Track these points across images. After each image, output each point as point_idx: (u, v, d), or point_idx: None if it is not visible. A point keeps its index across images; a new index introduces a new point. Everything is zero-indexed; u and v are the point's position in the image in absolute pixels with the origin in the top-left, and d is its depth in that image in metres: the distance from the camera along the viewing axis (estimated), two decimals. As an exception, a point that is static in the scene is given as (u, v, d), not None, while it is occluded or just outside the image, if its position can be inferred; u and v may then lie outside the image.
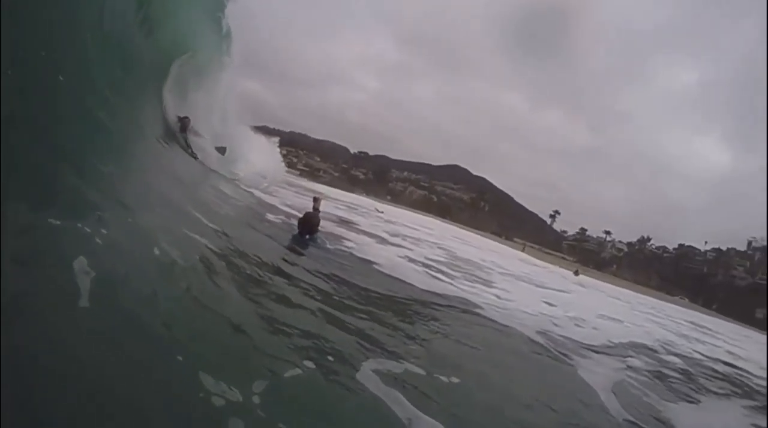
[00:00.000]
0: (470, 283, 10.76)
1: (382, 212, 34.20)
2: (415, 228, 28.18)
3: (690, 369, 8.50)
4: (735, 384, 8.47)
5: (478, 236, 61.74)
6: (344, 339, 4.17)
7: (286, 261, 6.22)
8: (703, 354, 11.46)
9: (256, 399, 2.76)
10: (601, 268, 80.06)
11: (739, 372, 10.49)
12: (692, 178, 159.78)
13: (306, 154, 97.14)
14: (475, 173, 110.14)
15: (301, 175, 68.97)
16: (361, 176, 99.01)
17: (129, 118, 6.97)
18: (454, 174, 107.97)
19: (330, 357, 3.70)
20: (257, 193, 12.73)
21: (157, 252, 4.00)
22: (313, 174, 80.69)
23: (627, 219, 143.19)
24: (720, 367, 10.19)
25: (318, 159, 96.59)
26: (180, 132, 11.22)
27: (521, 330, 7.13)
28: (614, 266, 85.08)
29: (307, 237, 7.92)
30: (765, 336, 38.14)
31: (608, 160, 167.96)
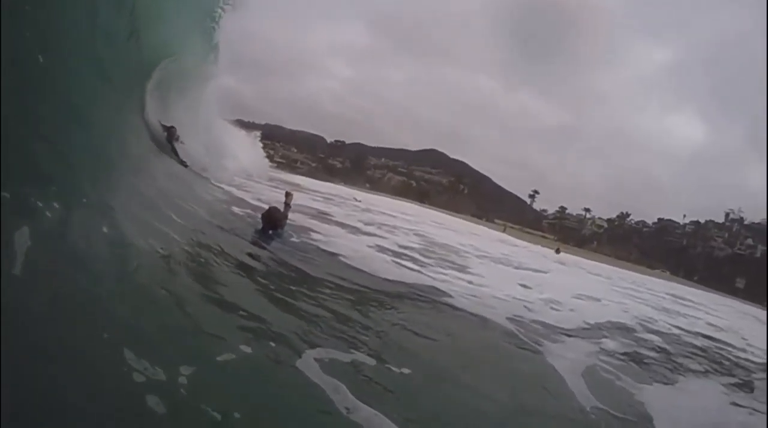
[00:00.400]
0: (443, 270, 10.51)
1: (360, 201, 33.87)
2: (393, 216, 27.85)
3: (668, 347, 8.35)
4: (714, 360, 8.36)
5: (458, 219, 61.77)
6: (291, 327, 4.09)
7: (243, 251, 6.04)
8: (682, 329, 11.39)
9: (182, 380, 2.72)
10: (582, 245, 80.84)
11: (719, 345, 10.46)
12: (668, 154, 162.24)
13: (282, 145, 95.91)
14: (452, 157, 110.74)
15: (278, 167, 68.15)
16: (339, 165, 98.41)
17: (109, 114, 6.61)
18: (432, 158, 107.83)
19: (272, 343, 3.66)
20: (227, 187, 12.35)
21: (106, 230, 3.88)
22: (290, 165, 79.85)
23: (606, 196, 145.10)
24: (699, 341, 10.12)
25: (294, 150, 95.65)
26: (166, 141, 10.98)
27: (491, 317, 6.85)
28: (595, 242, 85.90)
29: (271, 232, 7.57)
30: (744, 305, 39.02)
31: (584, 138, 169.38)
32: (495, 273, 12.83)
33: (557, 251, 46.07)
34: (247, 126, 37.76)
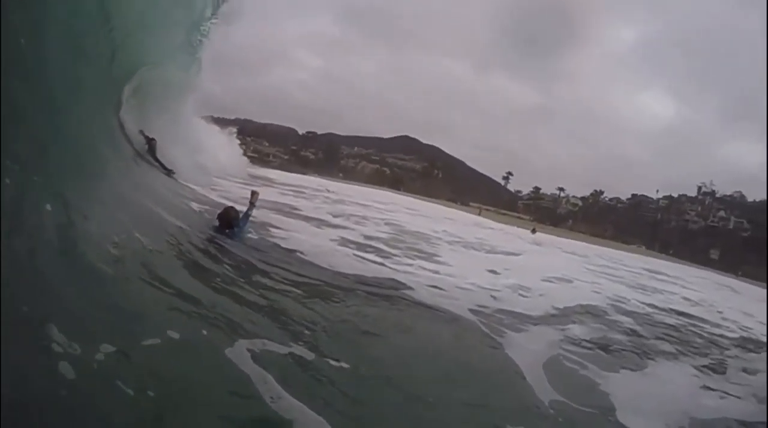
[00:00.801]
0: (409, 260, 10.24)
1: (334, 192, 33.45)
2: (365, 205, 27.53)
3: (639, 329, 8.14)
4: (686, 341, 8.15)
5: (434, 204, 61.67)
6: (228, 317, 4.02)
7: (195, 245, 5.87)
8: (656, 307, 11.25)
9: (99, 356, 2.68)
10: (558, 224, 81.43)
11: (693, 322, 10.34)
12: (640, 131, 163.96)
13: (253, 140, 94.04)
14: (425, 142, 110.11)
15: (251, 162, 66.91)
16: (312, 156, 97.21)
17: (83, 116, 6.26)
18: (405, 145, 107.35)
19: (204, 331, 3.62)
20: (195, 187, 11.96)
21: (49, 208, 3.58)
22: (262, 160, 78.47)
23: (579, 174, 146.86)
24: (673, 320, 9.98)
25: (266, 143, 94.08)
26: (148, 152, 10.81)
27: (451, 309, 6.54)
28: (570, 221, 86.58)
29: (227, 230, 7.22)
30: (720, 276, 39.82)
31: (557, 119, 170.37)
32: (464, 260, 12.56)
33: (533, 231, 46.40)
34: (218, 122, 36.81)
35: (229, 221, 7.32)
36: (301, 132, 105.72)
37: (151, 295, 3.84)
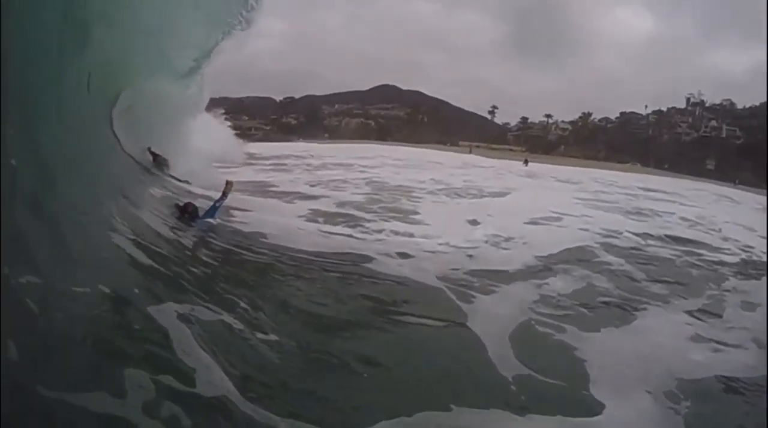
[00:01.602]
0: (384, 223, 9.94)
1: (315, 156, 32.79)
2: (348, 165, 27.02)
3: (628, 270, 7.54)
4: (681, 279, 7.46)
5: (423, 150, 60.73)
6: (168, 285, 4.27)
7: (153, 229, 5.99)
8: (650, 236, 10.66)
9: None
10: (550, 151, 79.99)
11: (690, 249, 9.76)
12: (620, 48, 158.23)
13: (231, 116, 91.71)
14: (405, 88, 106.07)
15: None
16: (294, 122, 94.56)
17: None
18: (386, 94, 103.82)
19: (136, 290, 3.86)
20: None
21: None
22: (245, 134, 76.77)
23: (565, 98, 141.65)
24: (668, 251, 9.38)
25: (245, 118, 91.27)
26: (156, 167, 10.93)
27: (416, 278, 6.13)
28: (562, 147, 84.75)
29: (187, 216, 7.49)
30: (717, 186, 39.18)
31: (533, 45, 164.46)
32: (444, 213, 12.04)
33: (525, 163, 45.67)
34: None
35: (190, 212, 7.56)
36: (278, 99, 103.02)
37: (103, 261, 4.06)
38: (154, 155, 11.04)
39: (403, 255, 7.18)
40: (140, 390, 2.70)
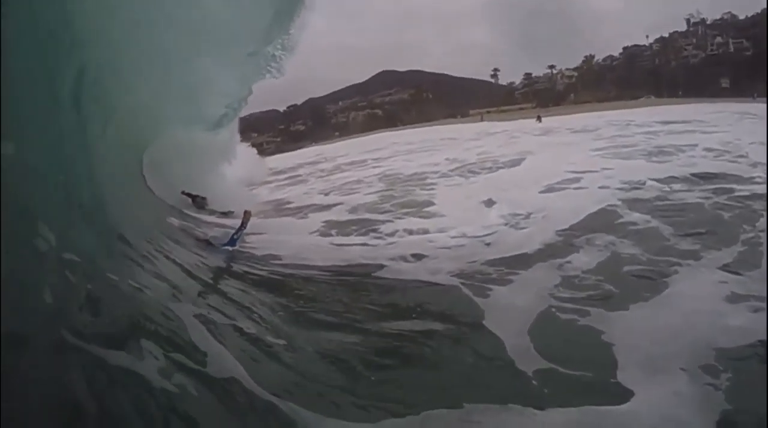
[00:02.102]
0: (398, 221, 9.87)
1: (328, 158, 32.86)
2: (361, 162, 26.92)
3: (656, 227, 7.08)
4: (711, 227, 6.87)
5: (434, 127, 60.09)
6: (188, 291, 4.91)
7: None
8: (676, 179, 10.07)
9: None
10: (561, 102, 77.99)
11: (718, 186, 9.07)
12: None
13: (242, 135, 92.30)
14: (403, 70, 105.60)
15: (247, 158, 66.29)
16: (302, 128, 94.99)
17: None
18: (385, 79, 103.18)
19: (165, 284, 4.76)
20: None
21: None
22: (259, 151, 77.55)
23: (564, 45, 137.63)
24: (696, 195, 8.73)
25: (255, 134, 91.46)
26: (197, 207, 11.42)
27: (432, 278, 6.00)
28: (572, 95, 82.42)
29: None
30: (736, 104, 37.17)
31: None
32: (459, 198, 11.68)
33: (538, 119, 44.60)
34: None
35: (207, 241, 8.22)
36: (282, 109, 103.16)
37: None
38: (192, 196, 11.37)
39: (417, 257, 7.03)
40: (155, 360, 2.99)
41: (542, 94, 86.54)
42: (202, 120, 14.08)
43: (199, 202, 11.48)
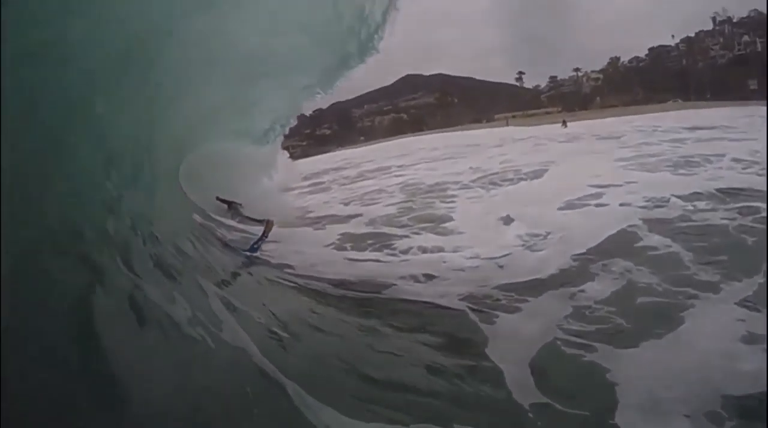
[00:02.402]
0: (416, 237, 9.85)
1: (352, 164, 33.10)
2: (384, 169, 27.08)
3: (675, 251, 6.77)
4: (734, 249, 6.57)
5: (459, 133, 59.81)
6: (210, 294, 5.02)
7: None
8: (700, 196, 9.72)
9: None
10: (587, 106, 76.91)
11: (743, 205, 8.59)
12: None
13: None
14: (428, 74, 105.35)
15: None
16: (328, 132, 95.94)
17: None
18: (410, 83, 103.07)
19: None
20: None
21: None
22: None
23: (588, 48, 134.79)
24: (720, 214, 8.30)
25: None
26: (231, 215, 11.29)
27: (440, 301, 5.96)
28: (598, 98, 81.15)
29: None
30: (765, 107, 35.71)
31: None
32: (478, 213, 11.57)
33: (563, 124, 44.12)
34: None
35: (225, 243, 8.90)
36: (308, 114, 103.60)
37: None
38: (227, 202, 11.28)
39: (429, 277, 7.00)
40: (184, 310, 3.88)
41: (568, 97, 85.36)
42: (250, 134, 14.47)
43: (234, 208, 11.36)
